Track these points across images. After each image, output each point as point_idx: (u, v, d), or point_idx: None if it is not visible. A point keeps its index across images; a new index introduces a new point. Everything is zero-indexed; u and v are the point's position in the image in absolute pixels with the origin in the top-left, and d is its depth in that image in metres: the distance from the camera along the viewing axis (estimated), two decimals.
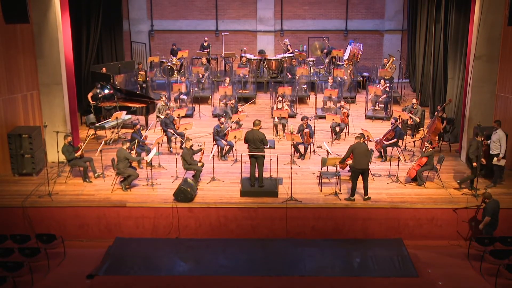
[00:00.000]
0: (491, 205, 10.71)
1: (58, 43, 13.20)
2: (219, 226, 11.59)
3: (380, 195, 11.81)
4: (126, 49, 21.14)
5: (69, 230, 11.50)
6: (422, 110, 15.78)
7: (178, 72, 20.05)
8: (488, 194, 10.84)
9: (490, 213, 10.64)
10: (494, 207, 10.69)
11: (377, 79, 19.02)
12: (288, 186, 11.88)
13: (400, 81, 19.70)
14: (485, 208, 10.80)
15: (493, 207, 10.69)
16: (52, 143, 13.03)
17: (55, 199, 11.77)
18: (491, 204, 10.72)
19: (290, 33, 22.35)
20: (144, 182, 12.47)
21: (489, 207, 10.70)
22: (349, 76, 19.05)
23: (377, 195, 11.78)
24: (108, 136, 15.36)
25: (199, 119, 17.28)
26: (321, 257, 10.66)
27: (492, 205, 10.70)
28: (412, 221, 11.44)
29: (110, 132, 15.49)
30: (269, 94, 18.65)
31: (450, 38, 15.21)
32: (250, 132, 11.87)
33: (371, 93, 17.32)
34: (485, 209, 10.79)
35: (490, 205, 10.72)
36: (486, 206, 10.77)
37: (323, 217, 11.49)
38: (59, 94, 13.54)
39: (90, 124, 15.87)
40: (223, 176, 12.79)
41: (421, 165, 12.28)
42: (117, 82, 17.29)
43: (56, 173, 12.93)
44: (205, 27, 22.23)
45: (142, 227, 11.62)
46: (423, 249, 11.01)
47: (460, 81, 14.71)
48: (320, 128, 15.77)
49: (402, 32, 21.85)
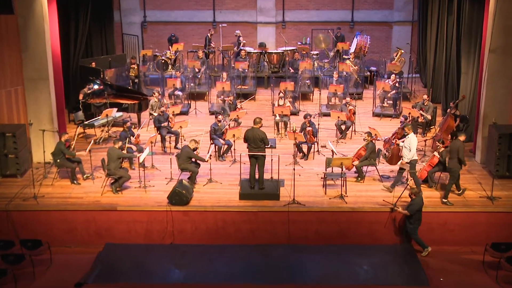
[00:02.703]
0: (417, 202, 10.85)
1: (44, 36, 13.19)
2: (216, 231, 11.59)
3: (388, 198, 11.80)
4: (117, 42, 21.13)
5: (56, 235, 11.49)
6: (434, 107, 15.77)
7: (173, 67, 20.05)
8: (415, 190, 10.96)
9: (413, 210, 10.82)
10: (419, 204, 10.85)
11: (385, 73, 19.02)
12: (290, 188, 11.88)
13: (410, 76, 19.69)
14: (410, 204, 10.98)
15: (418, 203, 10.84)
16: (38, 142, 13.03)
17: (41, 202, 11.77)
18: (417, 201, 10.86)
19: (293, 24, 22.35)
20: (136, 184, 12.47)
21: (414, 203, 10.86)
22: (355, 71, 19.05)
23: (386, 198, 11.77)
24: (97, 135, 15.36)
25: (195, 116, 17.28)
26: (325, 264, 10.67)
27: (417, 202, 10.85)
28: (423, 225, 11.40)
29: (100, 131, 15.48)
30: (270, 90, 18.64)
31: (463, 30, 15.20)
32: (250, 130, 11.87)
33: (379, 89, 17.32)
34: (410, 204, 10.97)
35: (416, 201, 10.86)
36: (411, 202, 10.94)
37: (328, 221, 11.50)
38: (46, 90, 13.53)
39: (78, 122, 15.85)
40: (220, 178, 12.79)
41: (432, 165, 12.28)
42: (107, 77, 17.29)
43: (42, 175, 12.93)
44: (201, 18, 22.23)
45: (134, 232, 11.61)
46: (435, 256, 11.01)
47: (474, 76, 14.70)
48: (324, 126, 15.77)
49: (412, 24, 21.83)
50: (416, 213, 10.91)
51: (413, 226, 11.01)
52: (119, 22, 21.78)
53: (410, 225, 11.03)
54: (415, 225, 11.00)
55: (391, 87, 17.20)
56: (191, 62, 19.45)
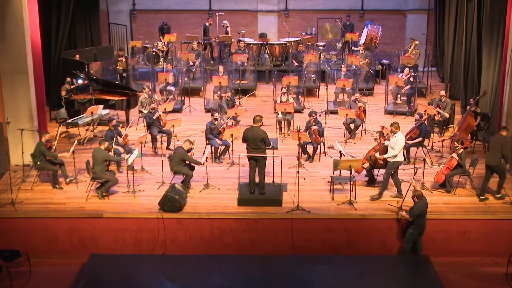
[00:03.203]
0: (418, 205, 10.87)
1: (23, 25, 13.19)
2: (212, 240, 11.58)
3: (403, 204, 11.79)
4: (103, 32, 21.16)
5: (36, 245, 11.47)
6: (452, 104, 15.77)
7: (165, 59, 20.05)
8: (418, 193, 10.98)
9: (414, 215, 10.86)
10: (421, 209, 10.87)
11: (398, 67, 19.03)
12: (294, 193, 11.88)
13: (426, 69, 19.70)
14: (411, 208, 11.01)
15: (419, 208, 10.87)
16: (16, 142, 13.03)
17: (20, 208, 11.76)
18: (419, 204, 10.88)
19: (297, 13, 22.36)
20: (124, 188, 12.47)
21: (415, 207, 10.89)
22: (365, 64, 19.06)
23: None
24: (82, 135, 15.36)
25: (189, 114, 17.29)
26: (332, 277, 10.65)
27: (419, 206, 10.88)
28: (440, 234, 11.43)
29: (84, 130, 15.49)
30: (271, 85, 18.65)
31: (484, 19, 15.20)
32: (249, 129, 11.86)
33: (392, 84, 17.33)
34: (411, 208, 11.01)
35: (418, 205, 10.88)
36: (413, 206, 10.97)
37: (335, 229, 11.50)
38: (24, 84, 13.53)
39: (61, 121, 15.86)
40: (217, 182, 12.79)
41: (450, 168, 12.27)
42: (92, 70, 17.31)
43: (21, 178, 12.92)
44: (196, 6, 22.26)
45: (122, 241, 11.61)
46: (453, 268, 11.00)
47: (496, 70, 14.70)
48: (331, 125, 15.78)
49: (428, 12, 21.85)
50: (418, 218, 10.89)
51: (413, 232, 11.00)
52: (105, 10, 21.80)
53: (409, 230, 11.03)
54: (415, 232, 10.98)
55: (405, 82, 17.20)
56: (184, 54, 19.45)
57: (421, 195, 10.97)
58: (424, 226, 10.99)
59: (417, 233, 11.00)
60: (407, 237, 11.08)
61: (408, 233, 11.05)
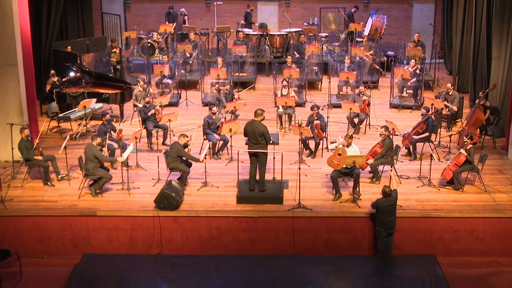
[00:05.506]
0: (380, 201, 10.93)
1: (12, 15, 13.16)
2: (210, 240, 11.60)
3: (409, 201, 11.81)
4: (96, 23, 21.13)
5: (27, 245, 11.49)
6: (460, 97, 15.78)
7: (160, 51, 20.03)
8: (385, 190, 10.94)
9: (372, 205, 11.01)
10: (382, 205, 10.90)
11: (404, 59, 19.02)
12: (295, 191, 11.88)
13: (433, 61, 19.69)
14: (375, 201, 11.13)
15: (381, 204, 10.91)
16: (5, 137, 13.02)
17: (9, 206, 11.76)
18: (381, 200, 10.93)
19: (298, 2, 22.34)
20: (118, 185, 12.47)
21: (377, 201, 10.98)
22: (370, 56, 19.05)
23: (405, 202, 11.79)
24: (74, 129, 15.36)
25: (186, 108, 17.30)
26: (335, 278, 10.67)
27: (381, 202, 10.92)
28: (448, 233, 11.45)
29: (76, 125, 15.49)
30: (271, 78, 18.64)
31: (495, 9, 15.18)
32: (250, 123, 11.84)
33: (398, 77, 17.32)
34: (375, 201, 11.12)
35: (380, 200, 10.94)
36: (377, 199, 11.05)
37: (338, 228, 11.51)
38: (14, 77, 13.52)
39: (52, 115, 15.87)
40: (215, 179, 12.79)
41: (458, 164, 12.28)
42: (85, 62, 17.29)
43: (11, 175, 12.92)
44: None
45: (116, 240, 11.62)
46: (461, 268, 11.03)
47: (507, 62, 14.70)
48: (334, 120, 15.78)
49: (436, 1, 21.84)
50: (378, 213, 10.94)
51: (378, 229, 11.02)
52: None
53: (376, 227, 11.08)
54: (381, 229, 10.97)
55: (411, 74, 17.19)
56: (181, 45, 19.43)
57: (388, 194, 10.88)
58: (391, 226, 10.92)
59: (383, 231, 10.96)
60: (376, 235, 11.13)
61: (376, 230, 11.11)
